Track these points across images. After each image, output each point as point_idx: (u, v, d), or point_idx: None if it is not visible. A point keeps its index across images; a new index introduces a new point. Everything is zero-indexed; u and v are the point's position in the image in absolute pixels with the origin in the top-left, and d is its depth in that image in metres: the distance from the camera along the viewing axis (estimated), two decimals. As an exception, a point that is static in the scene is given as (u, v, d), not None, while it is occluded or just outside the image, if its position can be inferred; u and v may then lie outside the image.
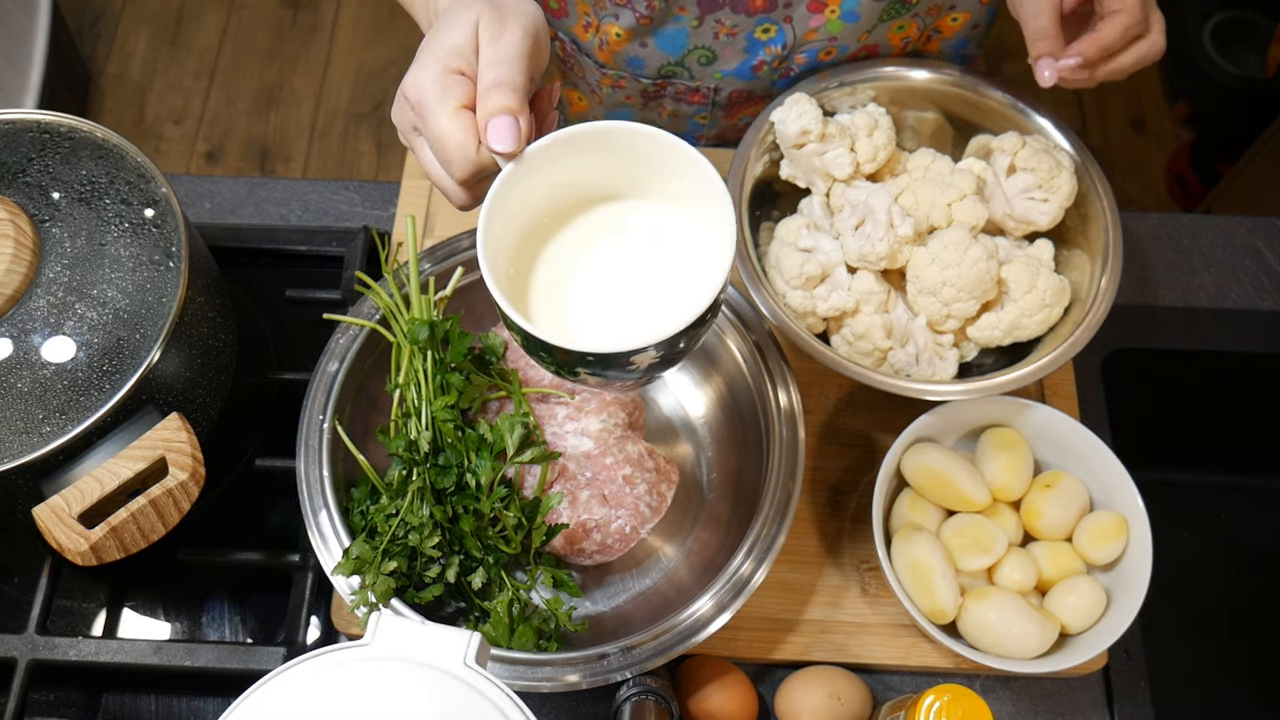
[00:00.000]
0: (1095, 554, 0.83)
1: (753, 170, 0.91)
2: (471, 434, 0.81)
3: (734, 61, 0.96)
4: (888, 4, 0.91)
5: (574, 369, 0.62)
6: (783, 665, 0.86)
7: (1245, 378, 1.04)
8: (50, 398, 0.74)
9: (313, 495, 0.80)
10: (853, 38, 0.94)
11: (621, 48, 0.96)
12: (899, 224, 0.86)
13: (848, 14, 0.91)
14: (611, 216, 0.67)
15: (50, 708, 0.85)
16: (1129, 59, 0.81)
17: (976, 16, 0.98)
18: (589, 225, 0.67)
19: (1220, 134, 2.09)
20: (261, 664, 0.82)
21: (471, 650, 0.59)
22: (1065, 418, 0.86)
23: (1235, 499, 1.07)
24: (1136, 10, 0.79)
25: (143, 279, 0.78)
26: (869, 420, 0.93)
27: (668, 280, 0.65)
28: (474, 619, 0.80)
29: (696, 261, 0.65)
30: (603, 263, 0.66)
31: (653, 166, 0.64)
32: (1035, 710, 0.86)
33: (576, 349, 0.59)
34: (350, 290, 0.95)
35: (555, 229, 0.67)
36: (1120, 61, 0.81)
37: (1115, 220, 0.87)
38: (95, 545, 0.72)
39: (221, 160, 2.21)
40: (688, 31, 0.93)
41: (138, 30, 2.35)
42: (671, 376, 0.93)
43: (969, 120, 0.95)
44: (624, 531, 0.82)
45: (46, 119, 0.83)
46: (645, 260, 0.66)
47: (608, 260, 0.66)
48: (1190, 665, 1.00)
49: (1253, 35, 2.08)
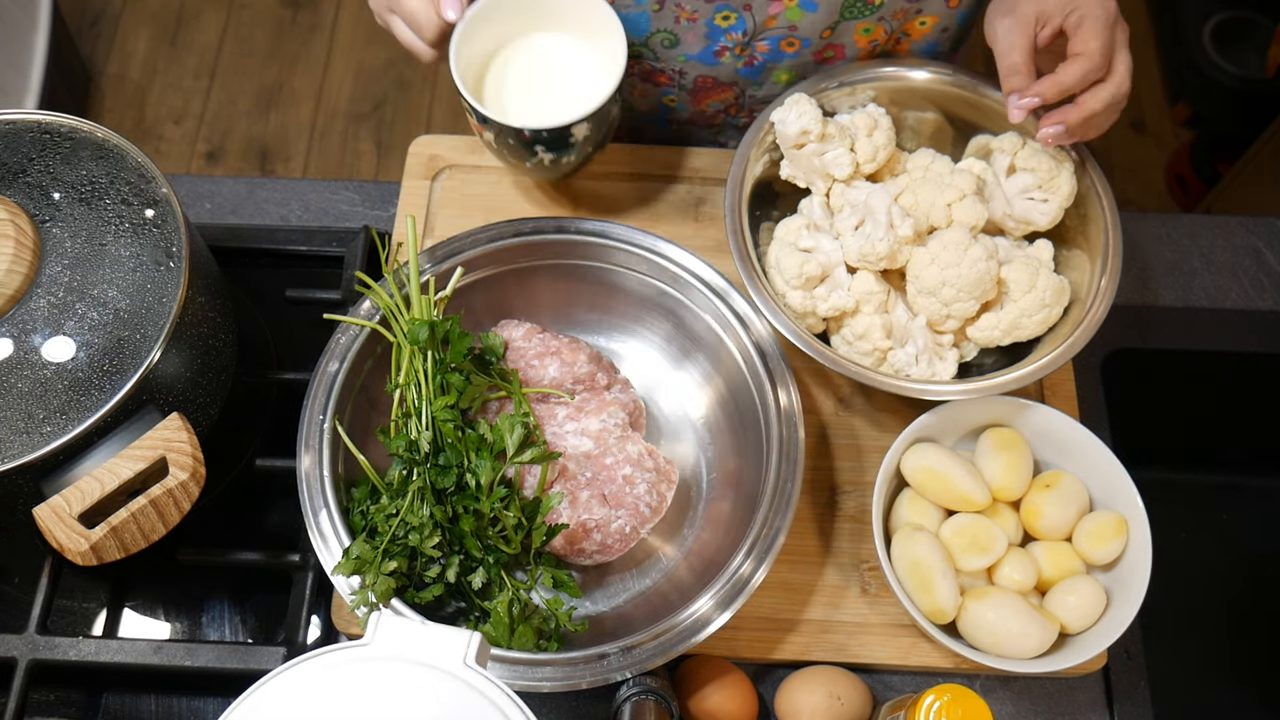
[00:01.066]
0: (1095, 554, 0.83)
1: (753, 170, 0.91)
2: (471, 434, 0.81)
3: (696, 46, 0.97)
4: (845, 1, 0.92)
5: (533, 147, 0.88)
6: (783, 665, 0.86)
7: (1245, 378, 1.04)
8: (51, 398, 0.74)
9: (313, 495, 0.80)
10: (814, 31, 0.94)
11: None
12: (899, 224, 0.86)
13: (806, 3, 0.92)
14: (537, 44, 0.94)
15: (50, 708, 0.85)
16: (1097, 103, 0.83)
17: (945, 20, 0.98)
18: (524, 52, 0.94)
19: (1220, 134, 2.09)
20: (261, 664, 0.82)
21: (472, 650, 0.59)
22: (1065, 418, 0.86)
23: (1235, 499, 1.07)
24: (1096, 56, 0.82)
25: (143, 279, 0.78)
26: (869, 420, 0.93)
27: (584, 83, 0.92)
28: (474, 619, 0.80)
29: (601, 69, 0.92)
30: (538, 76, 0.93)
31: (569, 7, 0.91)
32: (1035, 710, 0.86)
33: (533, 127, 0.86)
34: (350, 290, 0.95)
35: (500, 58, 0.93)
36: (1089, 106, 0.83)
37: (1115, 220, 0.88)
38: (95, 545, 0.72)
39: (222, 160, 2.21)
40: (649, 14, 0.95)
41: (138, 30, 2.35)
42: (671, 376, 0.93)
43: (969, 120, 0.95)
44: (624, 531, 0.82)
45: (47, 119, 0.83)
46: (568, 70, 0.93)
47: (541, 74, 0.93)
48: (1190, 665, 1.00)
49: (1253, 35, 2.08)
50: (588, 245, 0.89)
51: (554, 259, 0.90)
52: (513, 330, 0.89)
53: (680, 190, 1.02)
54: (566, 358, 0.87)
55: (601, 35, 0.91)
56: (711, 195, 1.02)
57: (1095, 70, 0.82)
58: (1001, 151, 0.91)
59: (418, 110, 2.27)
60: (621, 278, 0.91)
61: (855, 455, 0.92)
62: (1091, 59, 0.82)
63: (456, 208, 1.01)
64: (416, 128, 2.24)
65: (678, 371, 0.93)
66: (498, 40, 0.93)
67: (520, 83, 0.93)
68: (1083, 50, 0.82)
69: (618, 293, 0.92)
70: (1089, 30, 0.82)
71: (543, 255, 0.90)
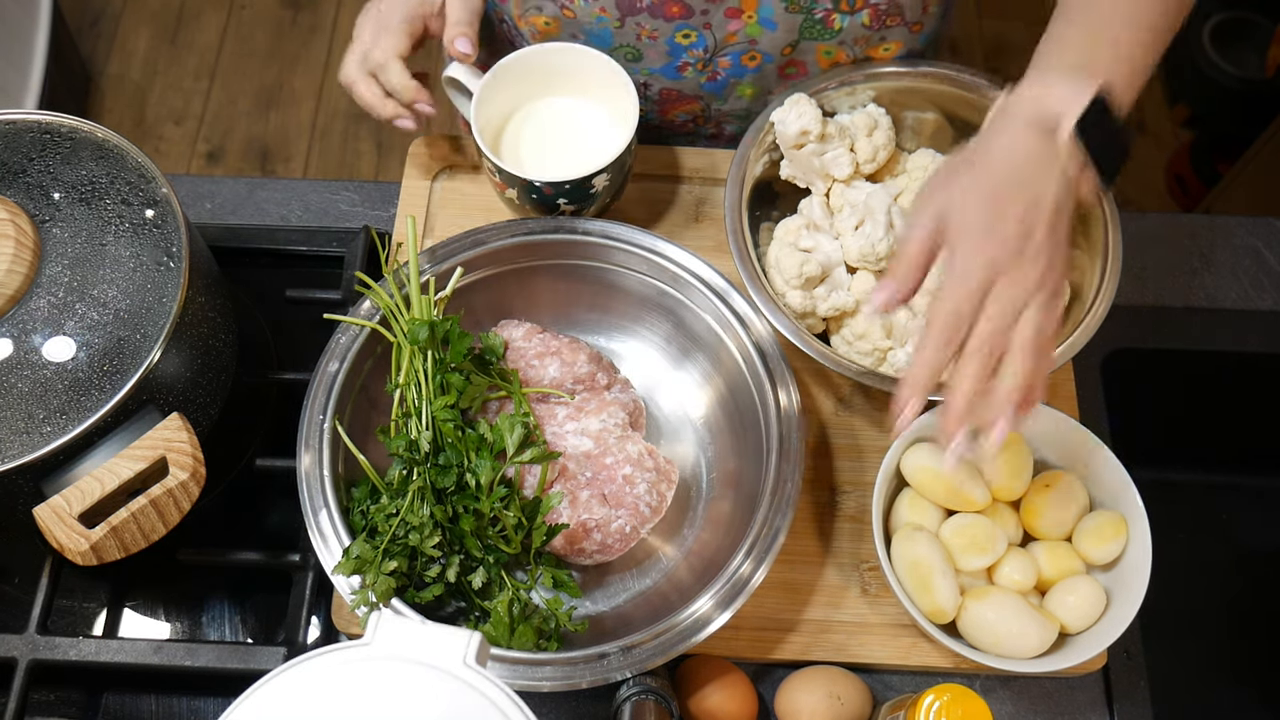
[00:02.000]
0: (1095, 554, 0.83)
1: (753, 170, 0.91)
2: (471, 434, 0.81)
3: (659, 62, 0.97)
4: (804, 21, 0.92)
5: (555, 200, 0.90)
6: (783, 665, 0.86)
7: (1245, 378, 1.04)
8: (51, 398, 0.74)
9: (313, 495, 0.80)
10: (774, 48, 0.95)
11: (555, 34, 0.98)
12: (899, 224, 0.86)
13: (764, 20, 0.92)
14: (548, 106, 0.97)
15: (51, 708, 0.85)
16: (965, 383, 0.67)
17: (910, 45, 0.98)
18: (536, 114, 0.97)
19: (1220, 134, 2.09)
20: (261, 664, 0.82)
21: (472, 650, 0.59)
22: (1065, 418, 0.86)
23: (1235, 499, 1.07)
24: (944, 300, 0.67)
25: (143, 279, 0.78)
26: (869, 420, 0.93)
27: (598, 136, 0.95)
28: (474, 619, 0.80)
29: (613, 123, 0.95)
30: (553, 134, 0.96)
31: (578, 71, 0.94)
32: (1035, 710, 0.86)
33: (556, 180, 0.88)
34: (350, 290, 0.95)
35: (515, 120, 0.96)
36: (953, 402, 0.67)
37: (1115, 220, 0.87)
38: (96, 545, 0.72)
39: (222, 160, 2.21)
40: (611, 31, 0.95)
41: (138, 30, 2.35)
42: (671, 376, 0.93)
43: (969, 120, 0.95)
44: (624, 531, 0.82)
45: (47, 119, 0.83)
46: (580, 127, 0.96)
47: (555, 132, 0.96)
48: (1190, 665, 1.00)
49: (1252, 35, 2.08)
50: (588, 245, 0.89)
51: (554, 259, 0.90)
52: (513, 330, 0.89)
53: (680, 190, 1.02)
54: (566, 358, 0.87)
55: (610, 91, 0.93)
56: (711, 195, 1.02)
57: (951, 322, 0.66)
58: (1001, 151, 0.91)
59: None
60: (621, 278, 0.91)
61: (855, 455, 0.92)
62: (942, 304, 0.66)
63: (456, 208, 1.01)
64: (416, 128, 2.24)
65: (677, 371, 0.93)
66: (511, 105, 0.96)
67: (536, 141, 0.95)
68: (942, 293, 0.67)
69: (618, 293, 0.92)
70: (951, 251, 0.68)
71: (543, 255, 0.90)
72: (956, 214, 0.67)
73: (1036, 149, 0.69)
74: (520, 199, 0.91)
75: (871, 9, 0.91)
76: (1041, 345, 0.66)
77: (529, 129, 0.96)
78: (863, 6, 0.91)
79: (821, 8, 0.90)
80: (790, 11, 0.91)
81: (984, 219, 0.67)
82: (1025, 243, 0.66)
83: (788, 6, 0.90)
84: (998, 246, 0.66)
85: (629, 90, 0.91)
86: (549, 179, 0.88)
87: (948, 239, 0.68)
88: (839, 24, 0.92)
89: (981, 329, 0.66)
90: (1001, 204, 0.67)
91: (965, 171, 0.70)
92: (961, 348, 0.66)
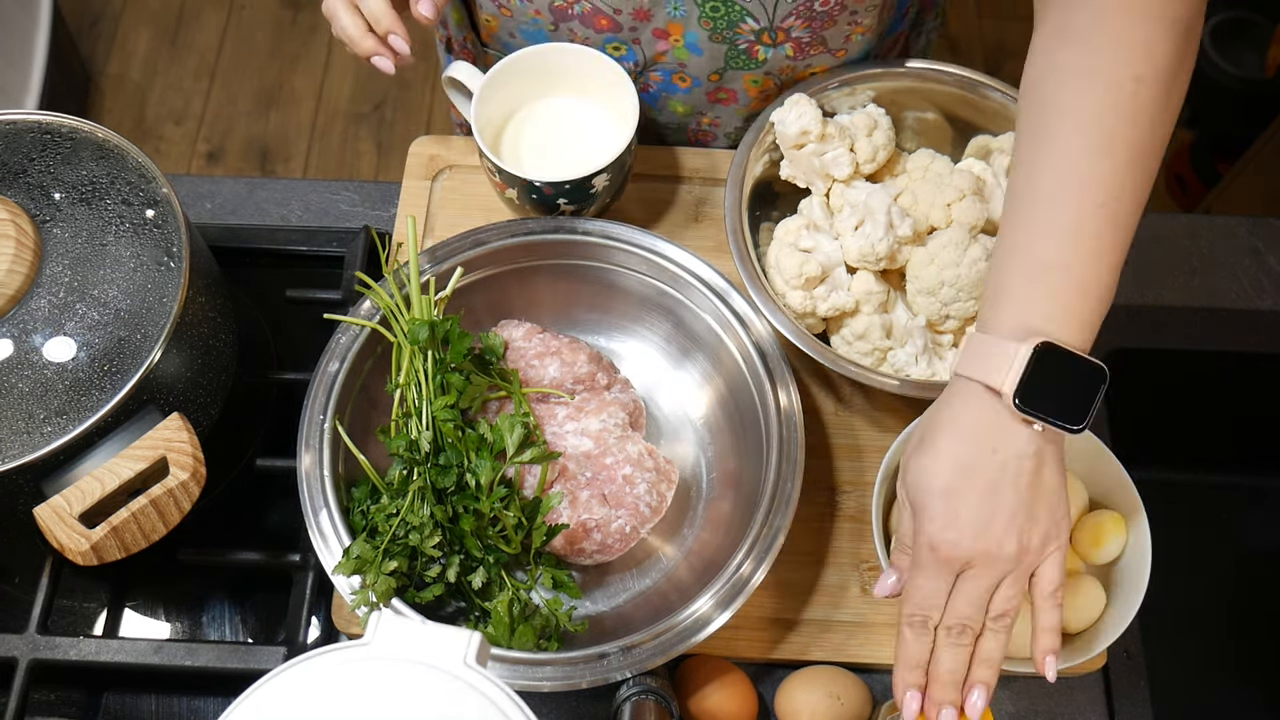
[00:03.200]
0: (1095, 554, 0.83)
1: (753, 170, 0.91)
2: (472, 434, 0.81)
3: None
4: (729, 51, 0.92)
5: (555, 200, 0.90)
6: (782, 665, 0.86)
7: (1245, 378, 1.04)
8: (51, 398, 0.74)
9: (313, 495, 0.80)
10: (702, 72, 0.96)
11: (495, 31, 0.99)
12: (898, 224, 0.86)
13: (690, 45, 0.93)
14: (548, 107, 0.97)
15: (51, 707, 0.85)
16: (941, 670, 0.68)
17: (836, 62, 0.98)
18: (536, 114, 0.96)
19: (1220, 134, 2.09)
20: (261, 664, 0.82)
21: (472, 650, 0.59)
22: (1065, 418, 0.86)
23: (1235, 499, 1.07)
24: (914, 575, 0.69)
25: (144, 279, 0.78)
26: (869, 420, 0.93)
27: (597, 137, 0.95)
28: (474, 619, 0.80)
29: (613, 123, 0.96)
30: (552, 135, 0.96)
31: (578, 71, 0.94)
32: (1035, 710, 0.86)
33: (556, 180, 0.88)
34: (350, 290, 0.95)
35: (515, 121, 0.96)
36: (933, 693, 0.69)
37: (1115, 220, 0.87)
38: (96, 545, 0.72)
39: (222, 160, 2.21)
40: (546, 34, 0.96)
41: (138, 30, 2.35)
42: (671, 376, 0.93)
43: (969, 120, 0.95)
44: (624, 531, 0.82)
45: (47, 119, 0.83)
46: (580, 127, 0.96)
47: (555, 133, 0.96)
48: (1190, 665, 1.00)
49: (1252, 35, 2.08)
50: (588, 245, 0.89)
51: (554, 259, 0.91)
52: (513, 330, 0.89)
53: (680, 190, 1.02)
54: (566, 358, 0.87)
55: (610, 91, 0.93)
56: (711, 195, 1.02)
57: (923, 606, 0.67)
58: (1001, 151, 0.91)
59: (418, 110, 2.27)
60: (621, 278, 0.91)
61: (855, 455, 0.92)
62: (908, 598, 0.68)
63: (456, 208, 1.01)
64: (416, 128, 2.24)
65: (677, 371, 0.93)
66: (511, 105, 0.95)
67: (536, 141, 0.95)
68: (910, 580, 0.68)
69: (618, 293, 0.92)
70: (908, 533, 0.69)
71: (543, 255, 0.90)
72: (919, 501, 0.67)
73: (986, 421, 0.66)
74: (520, 199, 0.91)
75: (794, 42, 0.92)
76: (1010, 619, 0.67)
77: (529, 129, 0.96)
78: (784, 40, 0.91)
79: (745, 40, 0.91)
80: (714, 41, 0.92)
81: (942, 512, 0.66)
82: (986, 530, 0.65)
83: (711, 35, 0.91)
84: (965, 539, 0.66)
85: (629, 90, 0.91)
86: (549, 179, 0.88)
87: (915, 527, 0.68)
88: (763, 55, 0.93)
89: (950, 617, 0.67)
90: (954, 498, 0.66)
91: (925, 451, 0.68)
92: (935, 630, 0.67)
